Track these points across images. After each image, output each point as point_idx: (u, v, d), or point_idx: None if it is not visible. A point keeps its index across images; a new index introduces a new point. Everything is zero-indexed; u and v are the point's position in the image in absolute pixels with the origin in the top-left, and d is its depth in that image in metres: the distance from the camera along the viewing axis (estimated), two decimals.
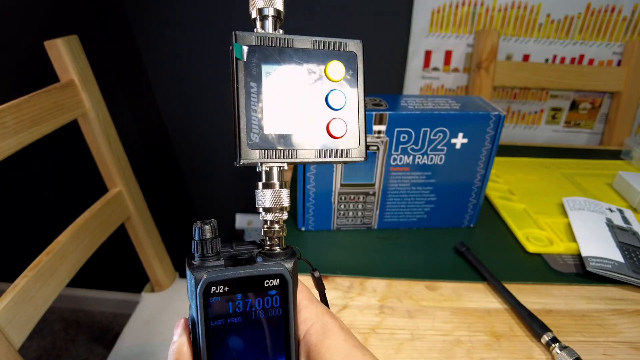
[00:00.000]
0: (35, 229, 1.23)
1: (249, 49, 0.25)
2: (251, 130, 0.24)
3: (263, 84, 0.25)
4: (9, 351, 0.51)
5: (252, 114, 0.24)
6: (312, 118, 0.26)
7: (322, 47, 0.26)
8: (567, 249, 0.54)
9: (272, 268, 0.24)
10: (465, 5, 0.84)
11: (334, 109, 0.26)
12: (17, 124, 0.56)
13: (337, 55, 0.26)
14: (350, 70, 0.26)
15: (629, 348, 0.41)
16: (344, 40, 0.26)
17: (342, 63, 0.26)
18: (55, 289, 0.60)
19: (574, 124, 0.98)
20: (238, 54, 0.24)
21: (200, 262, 0.24)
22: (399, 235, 0.57)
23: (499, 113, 0.50)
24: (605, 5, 0.83)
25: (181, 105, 1.00)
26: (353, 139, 0.26)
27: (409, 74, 0.92)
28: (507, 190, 0.68)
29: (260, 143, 0.24)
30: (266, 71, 0.25)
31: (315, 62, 0.26)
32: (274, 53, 0.25)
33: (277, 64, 0.25)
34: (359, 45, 0.26)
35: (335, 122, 0.26)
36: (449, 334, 0.42)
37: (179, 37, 0.91)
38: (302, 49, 0.25)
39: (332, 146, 0.26)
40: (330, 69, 0.26)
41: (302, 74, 0.25)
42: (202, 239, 0.24)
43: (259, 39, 0.25)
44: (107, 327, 1.36)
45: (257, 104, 0.24)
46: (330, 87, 0.26)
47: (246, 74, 0.25)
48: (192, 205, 1.17)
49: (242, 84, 0.24)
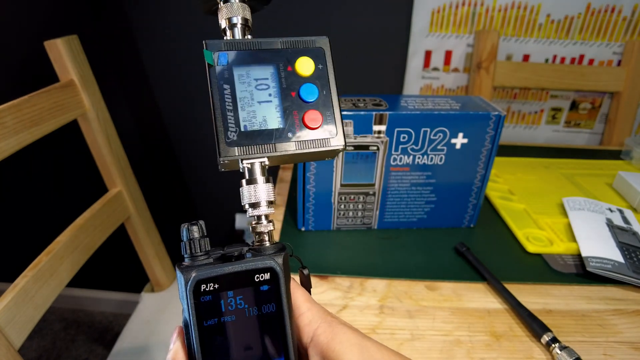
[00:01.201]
0: (35, 229, 1.23)
1: (219, 54, 0.26)
2: (228, 129, 0.25)
3: (236, 85, 0.26)
4: (9, 351, 0.51)
5: (228, 114, 0.25)
6: (288, 112, 0.27)
7: (290, 46, 0.27)
8: (567, 249, 0.54)
9: (262, 262, 0.24)
10: (465, 5, 0.84)
11: (307, 102, 0.27)
12: (17, 124, 0.56)
13: (306, 52, 0.27)
14: (319, 64, 0.27)
15: (629, 348, 0.41)
16: (311, 38, 0.28)
17: (310, 58, 0.27)
18: (55, 289, 0.60)
19: (574, 124, 0.98)
20: (209, 60, 0.26)
21: (190, 262, 0.24)
22: (399, 235, 0.57)
23: (499, 113, 0.50)
24: (605, 5, 0.83)
25: (181, 105, 1.00)
26: (330, 128, 0.27)
27: (409, 74, 0.92)
28: (507, 190, 0.68)
29: (238, 140, 0.25)
30: (238, 73, 0.26)
31: (285, 60, 0.27)
32: (243, 56, 0.26)
33: (248, 65, 0.26)
34: (325, 40, 0.28)
35: (310, 114, 0.27)
36: (449, 334, 0.42)
37: (179, 38, 0.91)
38: (271, 50, 0.27)
39: (311, 137, 0.27)
40: (299, 64, 0.27)
41: (273, 73, 0.27)
42: (190, 239, 0.24)
43: (228, 44, 0.26)
44: (107, 327, 1.36)
45: (231, 104, 0.26)
46: (301, 81, 0.27)
47: (219, 78, 0.26)
48: (192, 205, 1.17)
49: (215, 87, 0.26)
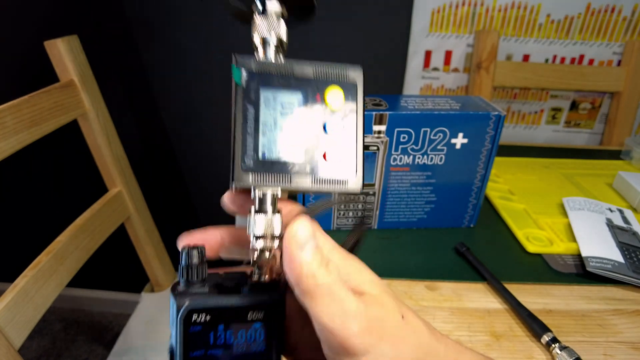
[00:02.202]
0: (35, 229, 1.23)
1: (249, 73, 0.24)
2: (246, 153, 0.24)
3: (261, 109, 0.24)
4: (9, 351, 0.51)
5: (248, 138, 0.24)
6: (309, 145, 0.25)
7: (322, 74, 0.25)
8: (567, 249, 0.54)
9: (257, 299, 0.23)
10: (465, 6, 0.84)
11: (332, 137, 0.26)
12: (17, 124, 0.56)
13: (337, 82, 0.26)
14: (349, 98, 0.26)
15: (629, 348, 0.41)
16: (345, 68, 0.26)
17: (341, 90, 0.26)
18: (55, 289, 0.60)
19: (574, 124, 0.98)
20: (237, 79, 0.24)
21: (185, 288, 0.23)
22: (399, 235, 0.57)
23: (499, 113, 0.50)
24: (605, 6, 0.83)
25: (181, 105, 1.00)
26: (350, 169, 0.26)
27: (409, 74, 0.92)
28: (507, 190, 0.68)
29: (255, 167, 0.24)
30: (265, 96, 0.25)
31: (315, 88, 0.25)
32: (273, 79, 0.25)
33: (276, 89, 0.25)
34: (359, 72, 0.26)
35: (333, 151, 0.25)
36: (449, 334, 0.42)
37: (179, 38, 0.91)
38: (302, 76, 0.25)
39: (328, 175, 0.26)
40: (329, 96, 0.25)
41: (301, 101, 0.25)
42: (189, 265, 0.23)
43: (259, 64, 0.25)
44: (107, 327, 1.36)
45: (253, 128, 0.24)
46: (328, 114, 0.25)
47: (244, 98, 0.24)
48: (192, 205, 1.17)
49: (239, 107, 0.24)
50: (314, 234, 0.22)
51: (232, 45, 0.90)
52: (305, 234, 0.22)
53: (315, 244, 0.22)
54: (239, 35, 0.89)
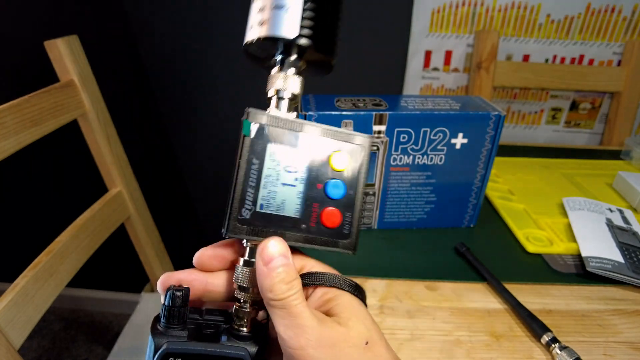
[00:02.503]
0: (35, 229, 1.23)
1: (258, 127, 0.24)
2: (244, 205, 0.24)
3: (265, 163, 0.24)
4: (8, 351, 0.51)
5: (249, 189, 0.24)
6: (308, 203, 0.25)
7: (330, 136, 0.26)
8: (567, 249, 0.54)
9: (234, 351, 0.23)
10: (465, 6, 0.84)
11: (331, 198, 0.26)
12: (17, 124, 0.56)
13: (344, 145, 0.26)
14: (354, 162, 0.26)
15: (629, 348, 0.41)
16: (353, 134, 0.27)
17: (347, 154, 0.26)
18: (55, 289, 0.60)
19: (574, 124, 0.98)
20: (246, 131, 0.24)
21: (165, 328, 0.23)
22: (399, 235, 0.57)
23: (499, 113, 0.50)
24: (605, 6, 0.83)
25: (181, 105, 1.00)
26: (345, 231, 0.26)
27: (409, 74, 0.92)
28: (507, 191, 0.68)
29: (251, 220, 0.24)
30: (271, 151, 0.25)
31: (322, 149, 0.26)
32: (282, 135, 0.25)
33: (283, 145, 0.25)
34: (366, 139, 0.27)
35: (330, 211, 0.26)
36: (449, 334, 0.42)
37: (179, 38, 0.91)
38: (310, 136, 0.25)
39: (322, 234, 0.26)
40: (335, 158, 0.26)
41: (306, 159, 0.25)
42: (171, 306, 0.23)
43: (270, 119, 0.25)
44: (107, 327, 1.36)
45: (255, 181, 0.24)
46: (331, 175, 0.26)
47: (250, 150, 0.24)
48: (192, 205, 1.17)
49: (244, 158, 0.24)
50: (285, 253, 0.23)
51: (233, 44, 0.90)
52: (274, 250, 0.23)
53: (284, 262, 0.23)
54: (239, 35, 0.89)
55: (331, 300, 0.25)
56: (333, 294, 0.26)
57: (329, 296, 0.26)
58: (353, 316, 0.24)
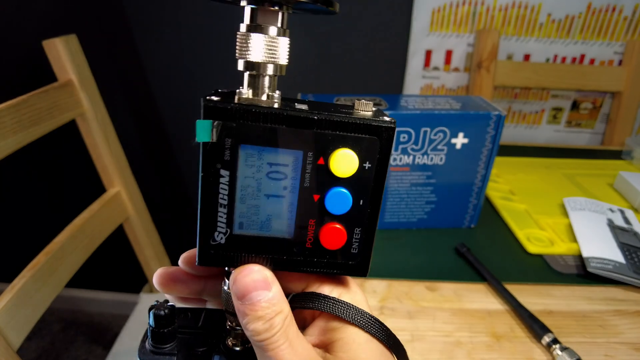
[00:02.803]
0: (33, 229, 1.22)
1: (222, 125, 0.17)
2: (216, 229, 0.19)
3: (239, 172, 0.18)
4: (7, 352, 0.51)
5: (220, 209, 0.19)
6: (302, 219, 0.19)
7: (328, 128, 0.18)
8: (568, 249, 0.54)
9: None
10: (465, 5, 0.84)
11: (332, 214, 0.19)
12: (16, 123, 0.55)
13: (351, 140, 0.18)
14: (366, 163, 0.19)
15: (630, 349, 0.41)
16: (364, 120, 0.18)
17: (354, 152, 0.18)
18: (54, 289, 0.60)
19: (575, 123, 0.97)
20: (202, 135, 0.17)
21: (153, 349, 0.22)
22: (399, 235, 0.57)
23: (499, 113, 0.50)
24: (606, 5, 0.83)
25: (180, 104, 0.99)
26: (353, 251, 0.20)
27: (409, 74, 0.92)
28: (507, 191, 0.68)
29: (227, 245, 0.19)
30: (245, 155, 0.18)
31: (319, 147, 0.18)
32: (258, 131, 0.18)
33: (262, 147, 0.18)
34: (390, 128, 0.19)
35: (331, 229, 0.19)
36: (449, 335, 0.42)
37: (178, 37, 0.91)
38: (300, 128, 0.18)
39: (321, 257, 0.20)
40: (336, 159, 0.18)
41: (297, 160, 0.18)
42: (157, 329, 0.21)
43: (239, 112, 0.17)
44: (106, 327, 1.36)
45: (226, 197, 0.19)
46: (332, 183, 0.19)
47: (215, 159, 0.18)
48: (191, 205, 1.17)
49: (207, 172, 0.18)
50: (264, 284, 0.19)
51: (233, 44, 0.90)
52: (247, 282, 0.19)
53: (261, 296, 0.19)
54: None
55: (332, 331, 0.20)
56: (337, 325, 0.20)
57: (331, 326, 0.21)
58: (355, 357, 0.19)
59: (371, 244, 0.20)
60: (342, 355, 0.19)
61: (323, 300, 0.20)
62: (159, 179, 1.12)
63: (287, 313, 0.19)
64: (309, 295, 0.21)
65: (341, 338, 0.20)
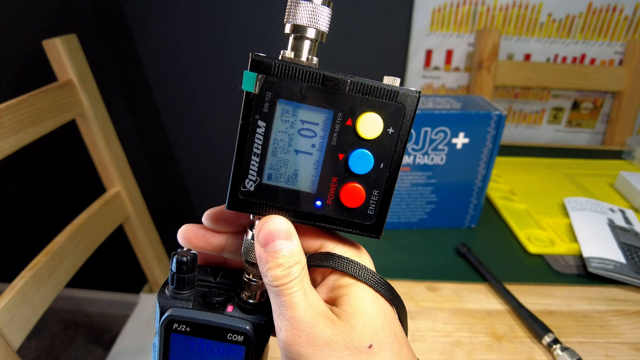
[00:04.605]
0: (33, 229, 1.23)
1: (265, 79, 0.19)
2: (247, 176, 0.21)
3: (274, 125, 0.20)
4: (7, 352, 0.51)
5: (253, 158, 0.20)
6: (325, 176, 0.21)
7: (359, 91, 0.20)
8: (569, 249, 0.54)
9: (238, 324, 0.22)
10: (466, 5, 0.84)
11: (354, 173, 0.21)
12: (16, 123, 0.55)
13: (378, 105, 0.20)
14: (390, 128, 0.21)
15: (630, 349, 0.41)
16: (392, 87, 0.20)
17: (380, 116, 0.20)
18: (54, 289, 0.60)
19: (576, 123, 0.97)
20: (248, 86, 0.19)
21: (172, 293, 0.23)
22: (400, 235, 0.57)
23: (500, 113, 0.50)
24: (606, 5, 0.83)
25: (180, 104, 0.99)
26: (369, 212, 0.22)
27: (410, 74, 0.92)
28: (508, 191, 0.68)
29: (255, 192, 0.21)
30: (281, 109, 0.20)
31: (348, 109, 0.20)
32: (296, 88, 0.20)
33: (298, 103, 0.20)
34: (413, 96, 0.20)
35: (352, 188, 0.21)
36: (449, 335, 0.42)
37: (178, 37, 0.91)
38: (334, 89, 0.20)
39: (341, 214, 0.22)
40: (363, 121, 0.20)
41: (327, 120, 0.20)
42: (176, 273, 0.23)
43: (281, 68, 0.20)
44: (106, 328, 1.36)
45: (260, 147, 0.20)
46: (356, 144, 0.21)
47: (254, 110, 0.20)
48: (191, 205, 1.17)
49: (247, 121, 0.20)
50: (287, 234, 0.21)
51: (233, 44, 0.90)
52: (272, 230, 0.21)
53: (283, 245, 0.21)
54: (240, 35, 0.89)
55: (341, 288, 0.22)
56: (346, 282, 0.22)
57: (340, 283, 0.22)
58: (359, 312, 0.21)
59: (387, 207, 0.22)
60: (347, 309, 0.21)
61: (338, 260, 0.22)
62: (159, 179, 1.12)
63: (304, 265, 0.21)
64: (324, 255, 0.23)
65: (348, 293, 0.22)
